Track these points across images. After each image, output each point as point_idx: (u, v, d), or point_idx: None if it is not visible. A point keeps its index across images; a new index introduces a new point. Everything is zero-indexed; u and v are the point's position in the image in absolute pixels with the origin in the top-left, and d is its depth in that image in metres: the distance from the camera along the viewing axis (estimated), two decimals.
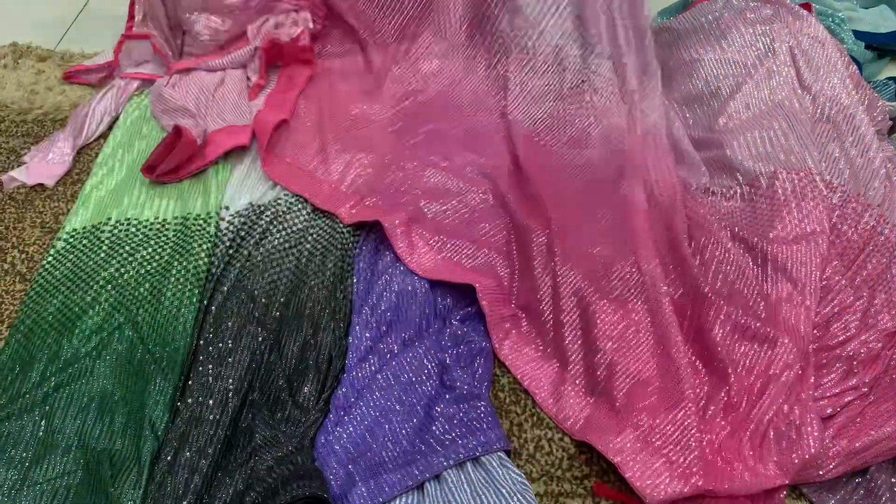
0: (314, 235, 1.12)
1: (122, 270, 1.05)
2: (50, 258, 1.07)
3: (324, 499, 0.79)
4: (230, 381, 0.90)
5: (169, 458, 0.83)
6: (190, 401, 0.88)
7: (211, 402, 0.88)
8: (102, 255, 1.08)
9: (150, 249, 1.08)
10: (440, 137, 1.29)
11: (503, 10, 1.33)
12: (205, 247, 1.08)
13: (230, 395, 0.88)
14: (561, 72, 1.32)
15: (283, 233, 1.11)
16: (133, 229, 1.11)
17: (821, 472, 0.84)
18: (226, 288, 1.03)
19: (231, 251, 1.08)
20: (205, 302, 1.01)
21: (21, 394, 0.90)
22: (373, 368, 0.96)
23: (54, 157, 1.26)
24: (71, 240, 1.10)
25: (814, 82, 1.23)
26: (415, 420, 0.89)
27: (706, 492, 0.80)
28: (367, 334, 1.00)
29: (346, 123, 1.32)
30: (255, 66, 1.39)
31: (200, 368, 0.92)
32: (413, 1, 1.39)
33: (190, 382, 0.92)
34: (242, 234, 1.10)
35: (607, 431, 0.87)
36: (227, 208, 1.15)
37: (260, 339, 0.95)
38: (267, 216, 1.13)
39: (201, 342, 0.96)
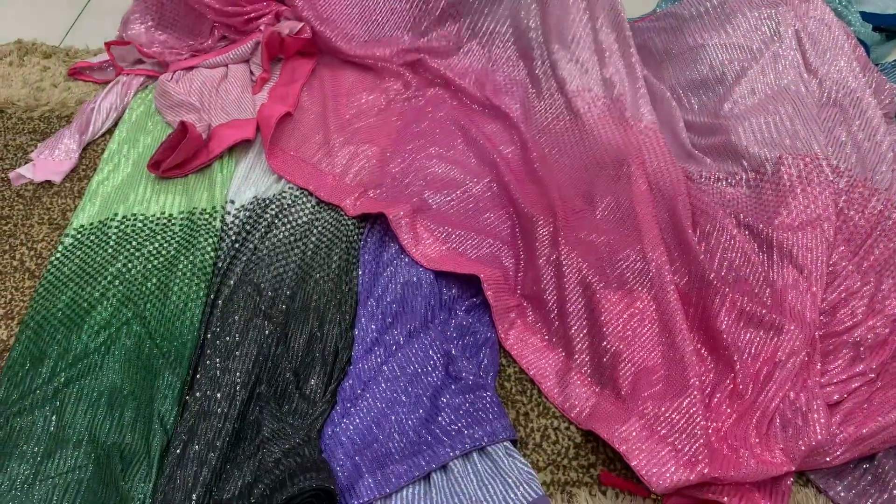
0: (319, 228, 1.12)
1: (130, 266, 1.06)
2: (58, 254, 1.08)
3: (331, 490, 0.79)
4: (237, 374, 0.90)
5: (178, 451, 0.84)
6: (198, 394, 0.89)
7: (219, 395, 0.88)
8: (110, 250, 1.08)
9: (156, 244, 1.09)
10: (443, 128, 1.29)
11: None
12: (211, 241, 1.08)
13: (238, 388, 0.89)
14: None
15: (289, 226, 1.12)
16: (139, 224, 1.12)
17: (828, 459, 0.84)
18: (232, 282, 1.03)
19: (237, 245, 1.08)
20: (211, 296, 1.02)
21: (32, 389, 0.92)
22: (379, 360, 0.96)
23: (60, 154, 1.27)
24: (78, 236, 1.11)
25: (820, 66, 1.22)
26: (421, 411, 0.90)
27: (712, 479, 0.79)
28: (373, 326, 1.00)
29: (348, 115, 1.32)
30: (257, 60, 1.39)
31: (208, 362, 0.93)
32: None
33: (198, 376, 0.92)
34: (248, 227, 1.11)
35: (613, 420, 0.87)
36: (232, 202, 1.16)
37: (266, 332, 0.96)
38: (272, 210, 1.14)
39: (208, 336, 0.97)
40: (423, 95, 1.36)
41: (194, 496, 0.79)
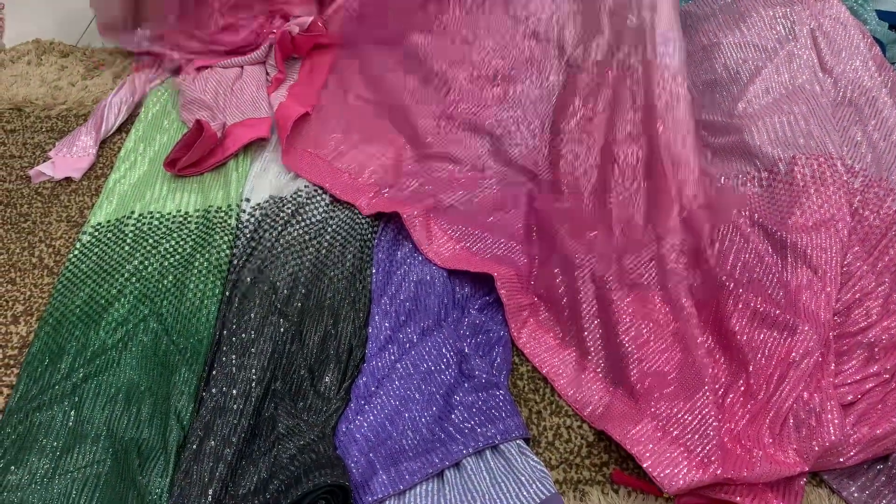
0: (334, 226, 1.13)
1: (146, 263, 1.07)
2: (76, 251, 1.10)
3: (345, 486, 0.80)
4: (253, 370, 0.91)
5: (194, 446, 0.84)
6: (214, 391, 0.90)
7: (234, 391, 0.89)
8: (127, 247, 1.10)
9: (172, 242, 1.10)
10: (458, 127, 1.30)
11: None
12: (226, 239, 1.09)
13: (253, 384, 0.90)
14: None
15: (304, 224, 1.13)
16: (156, 222, 1.13)
17: (841, 460, 0.84)
18: (248, 279, 1.04)
19: (252, 243, 1.09)
20: (227, 293, 1.03)
21: (51, 384, 0.93)
22: (392, 358, 0.97)
23: (78, 151, 1.28)
24: (96, 233, 1.12)
25: (835, 65, 1.21)
26: (434, 408, 0.90)
27: (725, 480, 0.79)
28: (387, 324, 1.01)
29: (365, 114, 1.32)
30: (273, 62, 1.40)
31: (224, 359, 0.94)
32: None
33: (214, 372, 0.93)
34: (264, 225, 1.12)
35: (625, 420, 0.88)
36: (247, 200, 1.17)
37: (282, 329, 0.97)
38: (287, 208, 1.14)
39: (224, 333, 0.98)
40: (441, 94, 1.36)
41: (210, 491, 0.80)
